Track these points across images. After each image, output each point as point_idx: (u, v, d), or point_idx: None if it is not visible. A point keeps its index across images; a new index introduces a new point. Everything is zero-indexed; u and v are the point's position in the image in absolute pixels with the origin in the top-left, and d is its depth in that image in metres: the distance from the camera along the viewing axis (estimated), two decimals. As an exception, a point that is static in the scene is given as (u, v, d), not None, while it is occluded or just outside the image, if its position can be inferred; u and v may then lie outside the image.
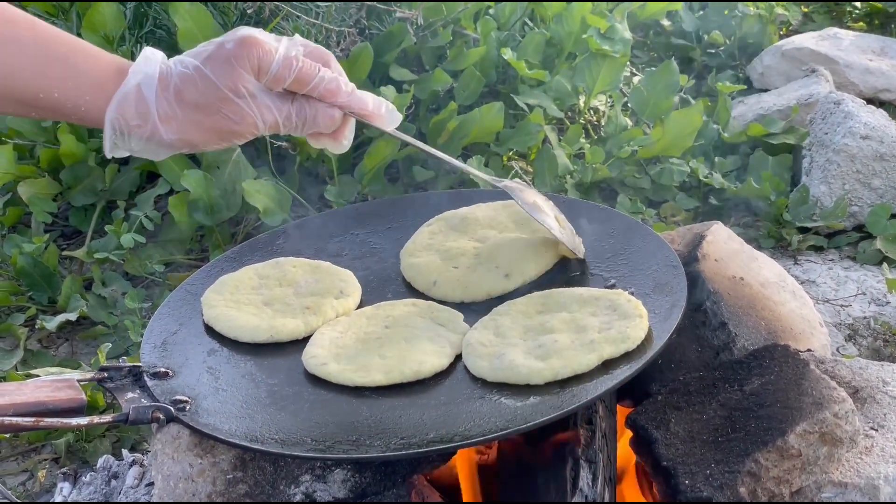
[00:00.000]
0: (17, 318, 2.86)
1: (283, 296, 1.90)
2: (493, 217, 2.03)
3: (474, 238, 1.98)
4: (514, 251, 1.91)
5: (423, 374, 1.69)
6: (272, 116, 1.57)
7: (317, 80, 1.58)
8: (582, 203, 2.16)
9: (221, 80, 1.54)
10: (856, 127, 3.03)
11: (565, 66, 3.39)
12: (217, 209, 2.96)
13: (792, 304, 1.94)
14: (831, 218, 2.99)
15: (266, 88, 1.57)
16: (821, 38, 3.86)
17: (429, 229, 2.02)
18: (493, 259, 1.91)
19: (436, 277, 1.90)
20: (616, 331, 1.64)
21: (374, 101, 1.64)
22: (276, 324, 1.82)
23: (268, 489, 1.63)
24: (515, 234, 1.96)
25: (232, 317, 1.84)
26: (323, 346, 1.76)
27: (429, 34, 3.33)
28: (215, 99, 1.54)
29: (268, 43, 1.56)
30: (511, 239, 1.95)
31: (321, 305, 1.86)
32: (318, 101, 1.60)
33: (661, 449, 1.64)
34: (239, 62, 1.54)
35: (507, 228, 1.99)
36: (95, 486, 2.15)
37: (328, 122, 1.62)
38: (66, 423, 1.60)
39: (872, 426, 1.74)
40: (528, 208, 1.87)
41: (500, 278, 1.88)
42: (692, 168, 3.16)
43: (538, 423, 1.53)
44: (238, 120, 1.56)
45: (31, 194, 3.12)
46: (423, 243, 1.99)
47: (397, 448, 1.54)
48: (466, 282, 1.89)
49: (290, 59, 1.56)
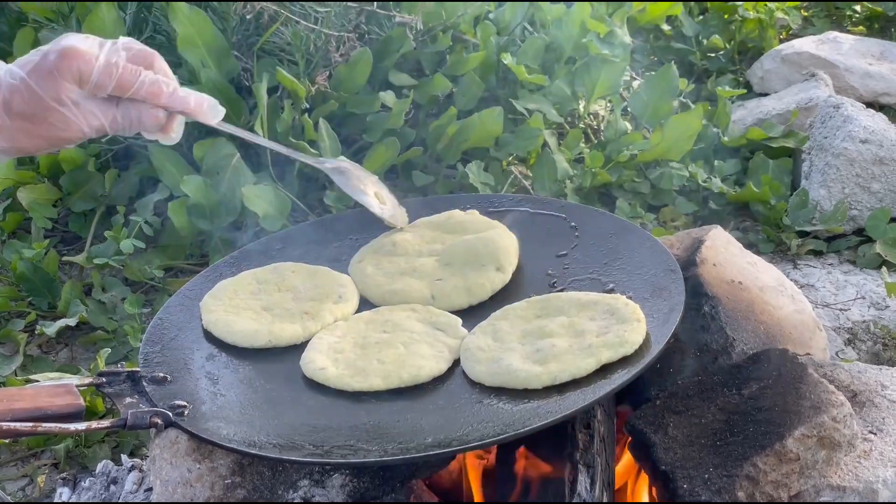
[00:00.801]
0: (17, 324, 2.85)
1: (282, 301, 1.90)
2: (418, 236, 2.04)
3: (412, 256, 1.99)
4: (484, 246, 1.94)
5: (422, 379, 1.69)
6: (97, 121, 1.64)
7: (138, 84, 1.65)
8: (581, 207, 2.16)
9: (45, 92, 1.60)
10: (855, 131, 3.03)
11: (565, 71, 3.38)
12: (217, 214, 2.96)
13: (791, 309, 1.94)
14: (831, 222, 2.99)
15: (90, 95, 1.63)
16: (821, 42, 3.86)
17: (362, 264, 2.00)
18: (471, 258, 1.93)
19: (428, 293, 1.91)
20: (614, 335, 1.65)
21: (195, 99, 1.71)
22: (275, 329, 1.83)
23: (266, 494, 1.63)
24: (466, 236, 2.00)
25: (230, 322, 1.84)
26: (321, 351, 1.76)
27: (428, 39, 3.33)
28: (41, 109, 1.61)
29: (88, 52, 1.62)
30: (469, 239, 1.98)
31: (320, 310, 1.86)
32: (142, 102, 1.66)
33: (660, 453, 1.64)
34: (61, 73, 1.60)
35: (437, 239, 2.03)
36: (94, 491, 2.15)
37: (153, 121, 1.69)
38: (64, 429, 1.60)
39: (871, 430, 1.74)
40: (349, 190, 1.97)
41: (492, 272, 1.91)
42: (691, 172, 3.16)
43: (536, 428, 1.53)
44: (64, 127, 1.63)
45: (31, 200, 3.12)
46: (376, 275, 1.97)
47: (395, 453, 1.54)
48: (468, 284, 1.90)
49: (110, 67, 1.62)
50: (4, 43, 3.44)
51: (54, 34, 3.23)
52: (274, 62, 3.08)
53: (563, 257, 1.95)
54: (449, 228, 2.04)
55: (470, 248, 1.95)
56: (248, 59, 3.12)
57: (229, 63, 3.07)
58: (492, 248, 1.93)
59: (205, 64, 3.03)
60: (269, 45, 3.12)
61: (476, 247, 1.95)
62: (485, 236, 1.97)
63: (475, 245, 1.95)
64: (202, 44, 3.04)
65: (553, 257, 1.95)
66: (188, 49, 3.03)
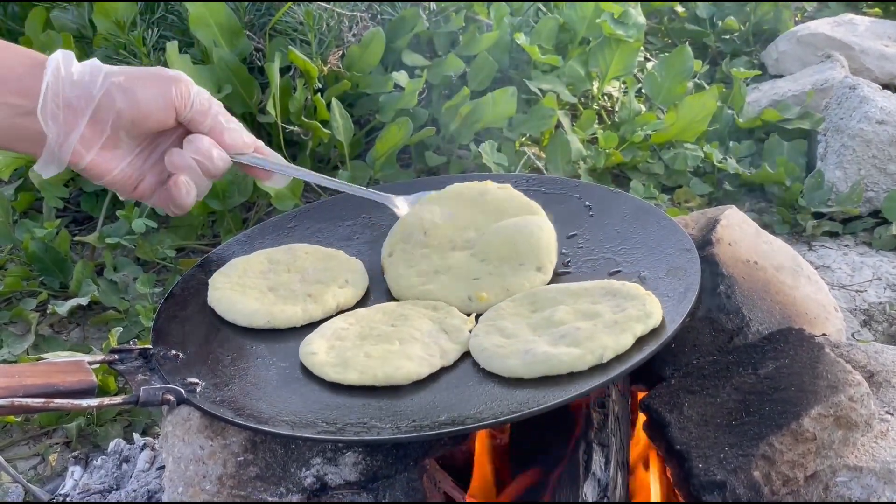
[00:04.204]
0: (29, 304, 2.86)
1: (289, 282, 1.88)
2: (449, 218, 1.93)
3: (445, 249, 1.89)
4: (524, 242, 1.83)
5: (397, 381, 1.62)
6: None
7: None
8: (594, 186, 2.14)
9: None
10: (871, 112, 3.00)
11: (579, 52, 3.37)
12: (229, 194, 2.96)
13: (807, 289, 1.92)
14: (846, 203, 2.97)
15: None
16: (836, 23, 3.83)
17: (393, 260, 1.91)
18: (509, 255, 1.83)
19: (465, 294, 1.81)
20: (635, 310, 1.62)
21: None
22: (275, 310, 1.80)
23: (278, 471, 1.63)
24: (501, 222, 1.89)
25: (234, 300, 1.83)
26: (324, 336, 1.72)
27: (441, 19, 3.32)
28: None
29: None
30: (507, 230, 1.86)
31: (323, 293, 1.83)
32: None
33: (675, 433, 1.63)
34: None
35: (470, 223, 1.91)
36: (106, 469, 2.14)
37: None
38: (76, 405, 1.59)
39: (888, 410, 1.72)
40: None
41: (532, 272, 1.81)
42: (706, 153, 3.14)
43: (550, 406, 1.51)
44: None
45: (43, 180, 3.12)
46: (410, 276, 1.86)
47: (408, 431, 1.53)
48: (506, 285, 1.80)
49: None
50: (16, 23, 3.44)
51: (66, 14, 3.23)
52: (286, 42, 3.07)
53: (576, 237, 1.93)
54: (482, 208, 1.92)
55: (508, 242, 1.84)
56: (261, 38, 3.11)
57: (241, 42, 3.06)
58: (533, 246, 1.83)
59: (217, 43, 3.02)
60: (281, 24, 3.11)
61: (515, 242, 1.83)
62: (525, 230, 1.85)
63: (514, 239, 1.84)
64: (214, 23, 3.03)
65: (566, 237, 1.93)
66: (200, 28, 3.02)
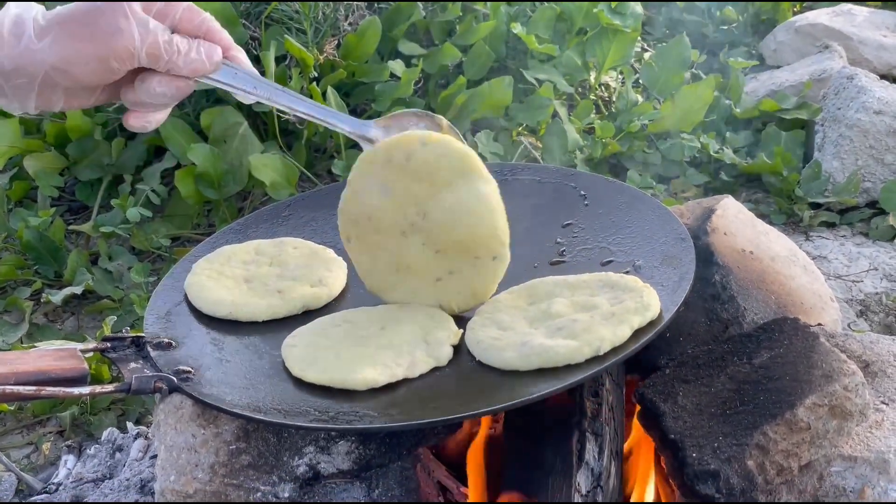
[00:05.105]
0: (23, 292, 2.85)
1: (266, 275, 1.85)
2: (386, 193, 1.71)
3: (396, 235, 1.73)
4: (470, 237, 1.70)
5: (353, 385, 1.58)
6: (151, 37, 1.55)
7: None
8: (589, 175, 2.13)
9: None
10: (869, 102, 3.00)
11: (576, 41, 3.36)
12: (224, 183, 2.95)
13: (803, 279, 1.91)
14: (844, 194, 2.97)
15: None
16: (834, 14, 3.82)
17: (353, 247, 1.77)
18: (460, 250, 1.71)
19: (434, 301, 1.73)
20: (633, 302, 1.61)
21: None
22: (239, 301, 1.78)
23: (271, 460, 1.62)
24: (440, 195, 1.69)
25: (203, 286, 1.81)
26: (313, 330, 1.71)
27: (438, 8, 3.31)
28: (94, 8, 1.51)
29: None
30: (451, 219, 1.70)
31: (291, 291, 1.81)
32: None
33: (669, 422, 1.62)
34: None
35: (409, 197, 1.71)
36: (100, 458, 2.14)
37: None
38: (68, 393, 1.59)
39: (883, 400, 1.72)
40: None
41: (489, 262, 1.71)
42: (703, 143, 3.13)
43: (544, 395, 1.51)
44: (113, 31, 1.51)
45: (38, 168, 3.11)
46: (373, 264, 1.75)
47: (401, 419, 1.53)
48: (473, 289, 1.73)
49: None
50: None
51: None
52: (282, 30, 3.06)
53: (571, 226, 1.93)
54: (414, 176, 1.68)
55: (454, 230, 1.69)
56: (256, 27, 3.10)
57: (237, 31, 3.04)
58: (482, 234, 1.69)
59: (212, 31, 3.00)
60: (277, 13, 3.10)
61: (461, 230, 1.69)
62: (466, 216, 1.68)
63: (458, 227, 1.69)
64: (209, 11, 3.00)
65: (560, 226, 1.93)
66: None
